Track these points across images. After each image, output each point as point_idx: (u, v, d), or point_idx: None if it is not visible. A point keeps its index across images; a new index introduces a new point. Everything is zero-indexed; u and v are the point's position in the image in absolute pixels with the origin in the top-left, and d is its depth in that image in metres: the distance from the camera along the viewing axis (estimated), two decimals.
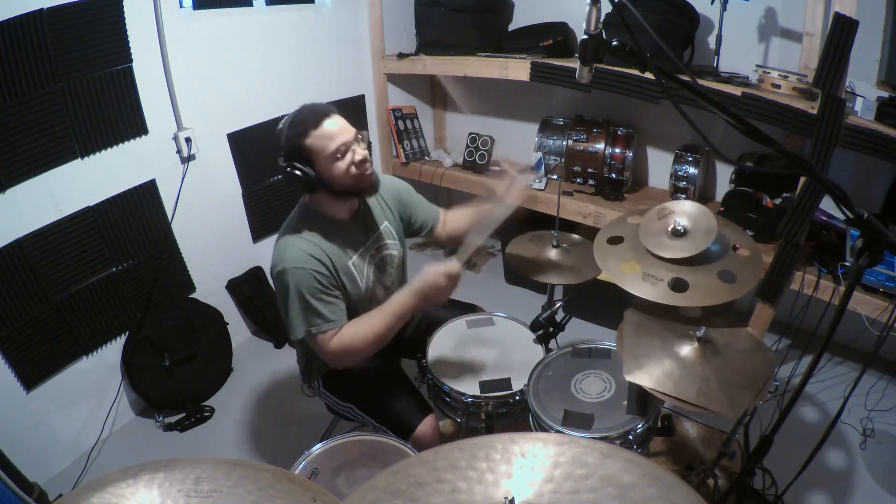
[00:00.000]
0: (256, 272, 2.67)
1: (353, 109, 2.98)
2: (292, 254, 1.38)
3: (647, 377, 1.21)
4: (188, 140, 2.21)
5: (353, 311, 1.47)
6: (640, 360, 1.26)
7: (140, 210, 2.14)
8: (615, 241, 1.43)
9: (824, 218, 2.13)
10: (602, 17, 0.88)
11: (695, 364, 1.24)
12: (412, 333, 1.78)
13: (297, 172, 1.34)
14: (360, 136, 1.41)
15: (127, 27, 1.94)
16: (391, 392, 1.53)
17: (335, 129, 1.35)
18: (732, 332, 1.34)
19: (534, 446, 0.75)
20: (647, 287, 1.28)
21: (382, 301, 1.49)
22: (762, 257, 1.38)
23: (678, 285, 1.28)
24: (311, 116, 1.34)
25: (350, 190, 1.42)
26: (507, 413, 1.50)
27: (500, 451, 0.75)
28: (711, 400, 1.16)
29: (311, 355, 1.62)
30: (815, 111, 1.78)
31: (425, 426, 1.46)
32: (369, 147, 1.45)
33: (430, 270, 1.36)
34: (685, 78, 0.92)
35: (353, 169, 1.37)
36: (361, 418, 1.57)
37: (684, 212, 1.35)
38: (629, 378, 1.22)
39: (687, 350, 1.27)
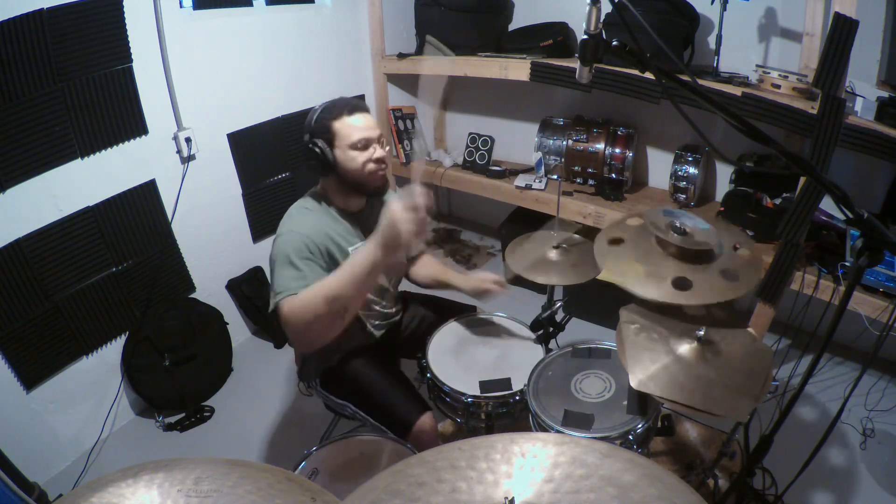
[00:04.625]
0: (256, 272, 2.67)
1: None
2: (297, 223, 1.41)
3: (653, 384, 1.21)
4: (188, 140, 2.21)
5: None
6: (644, 363, 1.25)
7: (140, 210, 2.14)
8: (616, 242, 1.42)
9: (824, 218, 2.13)
10: (602, 17, 0.88)
11: (696, 365, 1.24)
12: (412, 333, 1.78)
13: (317, 149, 1.39)
14: (382, 139, 1.46)
15: (127, 27, 1.94)
16: (388, 389, 1.54)
17: (363, 122, 1.42)
18: (731, 331, 1.34)
19: (534, 446, 0.75)
20: (650, 286, 1.28)
21: (374, 300, 1.52)
22: (762, 257, 1.38)
23: (682, 284, 1.27)
24: (345, 105, 1.41)
25: (359, 184, 1.45)
26: (507, 413, 1.50)
27: (500, 451, 0.75)
28: (717, 404, 1.16)
29: (308, 354, 1.62)
30: (815, 111, 1.78)
31: (423, 423, 1.46)
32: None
33: (395, 210, 1.13)
34: (685, 78, 0.92)
35: (371, 165, 1.42)
36: (359, 415, 1.57)
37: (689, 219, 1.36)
38: (636, 387, 1.21)
39: (687, 351, 1.27)
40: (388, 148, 1.48)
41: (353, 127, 1.39)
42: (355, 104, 1.43)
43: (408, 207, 1.13)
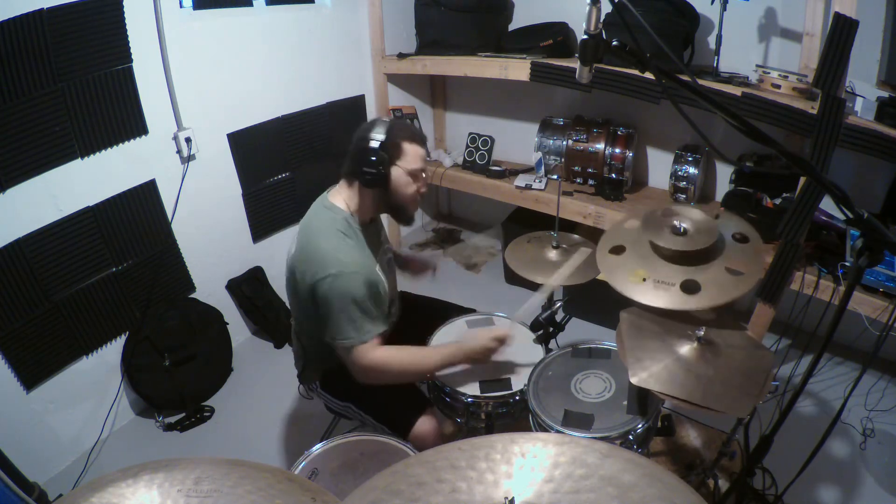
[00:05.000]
0: (256, 272, 2.67)
1: (353, 109, 2.98)
2: (348, 258, 1.37)
3: (653, 381, 1.21)
4: (188, 140, 2.21)
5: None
6: (644, 362, 1.25)
7: (140, 210, 2.14)
8: (617, 250, 1.41)
9: (824, 218, 2.13)
10: (602, 17, 0.88)
11: (696, 364, 1.24)
12: (412, 333, 1.78)
13: (375, 158, 1.37)
14: (428, 177, 1.51)
15: (127, 27, 1.94)
16: (389, 389, 1.53)
17: (423, 154, 1.46)
18: (730, 332, 1.34)
19: (534, 446, 0.75)
20: (660, 295, 1.26)
21: (391, 303, 1.55)
22: (762, 255, 1.37)
23: (690, 287, 1.26)
24: (420, 134, 1.47)
25: (400, 207, 1.48)
26: (507, 413, 1.50)
27: (500, 451, 0.75)
28: (718, 400, 1.16)
29: (309, 357, 1.62)
30: (815, 111, 1.78)
31: (424, 422, 1.46)
32: None
33: (481, 335, 1.48)
34: (685, 78, 0.92)
35: (416, 194, 1.46)
36: (360, 416, 1.57)
37: (689, 217, 1.35)
38: (636, 383, 1.21)
39: (687, 350, 1.27)
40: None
41: (418, 155, 1.43)
42: (420, 135, 1.47)
43: (495, 338, 1.46)
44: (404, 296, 1.85)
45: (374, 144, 1.37)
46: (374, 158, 1.37)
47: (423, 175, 1.47)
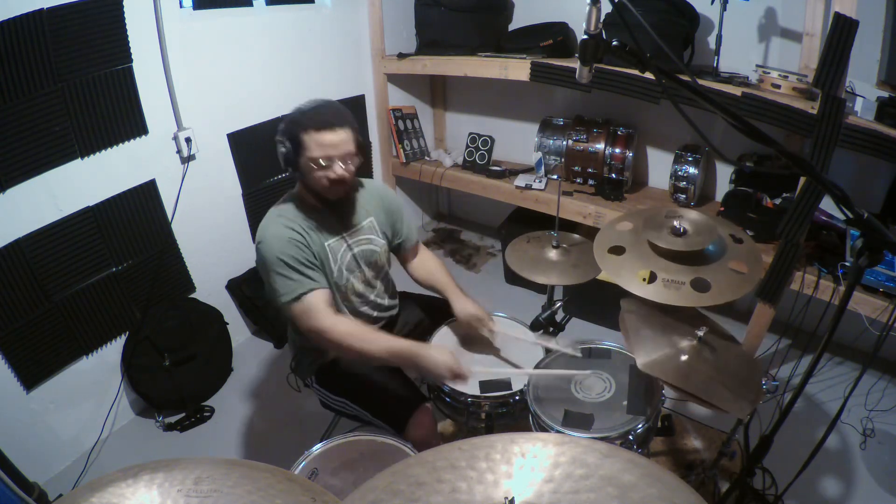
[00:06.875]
0: (256, 272, 2.66)
1: (353, 109, 2.96)
2: (273, 227, 1.45)
3: (658, 368, 1.21)
4: (188, 140, 2.21)
5: (334, 288, 1.53)
6: (648, 349, 1.26)
7: (140, 210, 2.14)
8: (616, 251, 1.41)
9: (824, 218, 2.13)
10: (602, 17, 0.88)
11: (697, 361, 1.24)
12: (412, 333, 1.78)
13: (282, 150, 1.45)
14: (351, 157, 1.45)
15: (127, 27, 1.93)
16: (385, 384, 1.54)
17: (328, 140, 1.41)
18: (724, 343, 1.34)
19: (534, 446, 0.75)
20: (671, 293, 1.27)
21: (358, 293, 1.58)
22: (762, 257, 1.38)
23: (700, 285, 1.27)
24: (318, 118, 1.41)
25: (317, 194, 1.49)
26: (507, 413, 1.50)
27: (500, 450, 0.75)
28: (720, 398, 1.16)
29: (303, 349, 1.63)
30: (815, 111, 1.78)
31: (420, 417, 1.46)
32: (366, 160, 1.49)
33: (447, 359, 1.40)
34: (685, 78, 0.92)
35: (325, 181, 1.44)
36: (356, 411, 1.57)
37: (688, 217, 1.36)
38: (643, 368, 1.22)
39: (687, 346, 1.27)
40: (353, 167, 1.48)
41: (317, 143, 1.40)
42: (328, 119, 1.41)
43: (453, 371, 1.39)
44: (404, 295, 1.85)
45: (278, 141, 1.45)
46: (281, 154, 1.45)
47: (329, 159, 1.41)
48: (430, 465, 0.74)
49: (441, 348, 1.46)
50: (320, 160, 1.41)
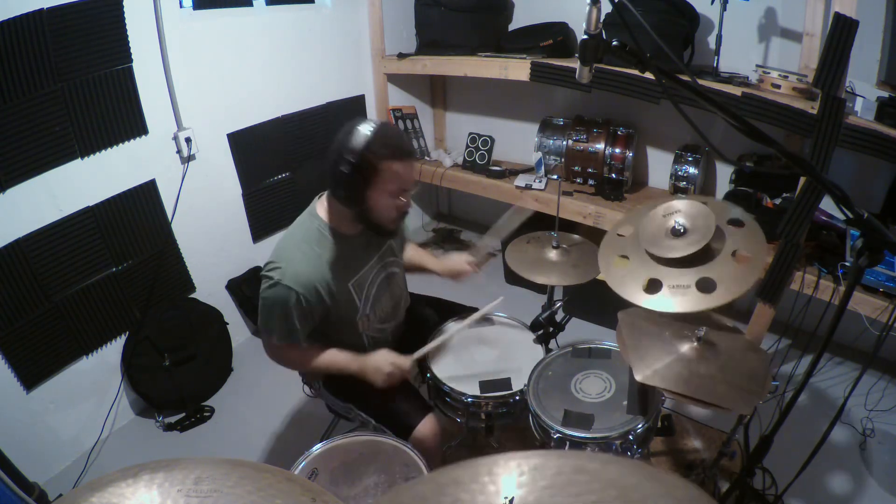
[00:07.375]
0: (256, 272, 2.67)
1: (353, 109, 2.98)
2: (293, 269, 1.36)
3: (658, 378, 1.20)
4: (188, 140, 2.21)
5: (349, 325, 1.51)
6: (647, 360, 1.25)
7: (140, 210, 2.14)
8: (621, 261, 1.38)
9: (824, 218, 2.13)
10: (602, 17, 0.88)
11: (698, 362, 1.24)
12: (412, 333, 1.77)
13: (348, 181, 1.30)
14: (415, 185, 1.42)
15: (127, 27, 1.93)
16: (391, 392, 1.53)
17: (408, 172, 1.36)
18: (728, 335, 1.34)
19: (537, 461, 0.74)
20: (678, 299, 1.23)
21: (382, 319, 1.58)
22: (762, 256, 1.37)
23: (706, 285, 1.24)
24: (399, 146, 1.32)
25: (378, 226, 1.42)
26: (507, 413, 1.50)
27: (502, 465, 0.75)
28: (723, 398, 1.15)
29: None
30: (815, 111, 1.78)
31: (425, 426, 1.45)
32: None
33: (384, 357, 1.46)
34: (685, 78, 0.92)
35: (394, 213, 1.39)
36: (361, 418, 1.57)
37: (682, 211, 1.34)
38: (641, 380, 1.20)
39: (687, 350, 1.27)
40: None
41: (397, 175, 1.31)
42: (408, 149, 1.36)
43: (394, 364, 1.45)
44: (414, 297, 1.84)
45: (346, 168, 1.28)
46: (347, 181, 1.29)
47: (405, 191, 1.36)
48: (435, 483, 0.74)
49: (379, 353, 1.48)
50: (397, 193, 1.34)
